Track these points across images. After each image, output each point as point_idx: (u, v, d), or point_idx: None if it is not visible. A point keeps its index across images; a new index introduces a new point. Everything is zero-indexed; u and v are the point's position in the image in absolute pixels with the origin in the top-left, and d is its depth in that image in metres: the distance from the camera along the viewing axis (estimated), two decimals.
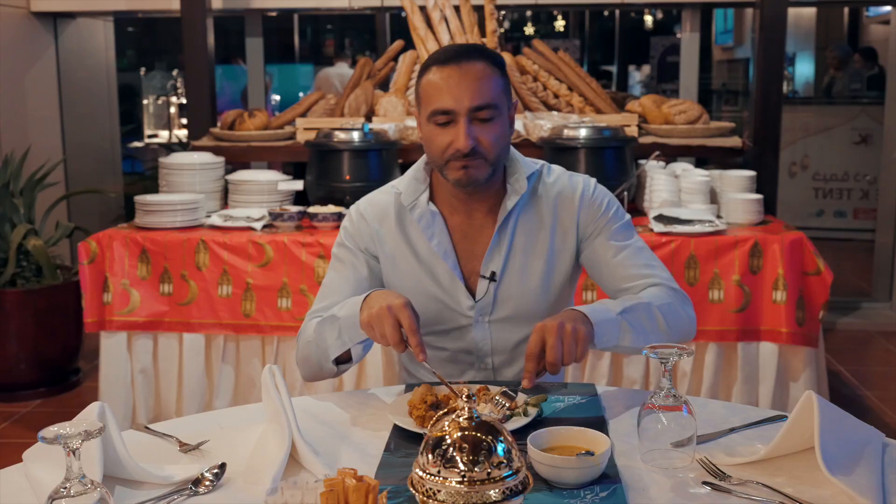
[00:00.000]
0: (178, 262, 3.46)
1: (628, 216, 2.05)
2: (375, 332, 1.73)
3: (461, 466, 1.01)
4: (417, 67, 4.31)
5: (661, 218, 3.49)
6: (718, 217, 3.61)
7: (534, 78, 4.23)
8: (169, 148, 6.87)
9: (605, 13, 11.16)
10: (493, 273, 1.96)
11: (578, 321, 1.73)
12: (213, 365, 3.52)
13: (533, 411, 1.64)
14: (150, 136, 8.02)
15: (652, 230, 3.42)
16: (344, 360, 1.89)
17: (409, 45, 4.46)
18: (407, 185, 2.01)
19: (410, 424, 1.60)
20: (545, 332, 1.68)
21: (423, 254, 2.00)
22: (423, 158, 2.02)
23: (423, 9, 4.28)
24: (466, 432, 1.04)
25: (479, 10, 4.35)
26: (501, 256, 1.97)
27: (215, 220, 3.60)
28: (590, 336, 1.72)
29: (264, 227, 3.58)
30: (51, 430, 1.20)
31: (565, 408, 1.72)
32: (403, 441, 1.58)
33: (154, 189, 4.01)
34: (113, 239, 3.49)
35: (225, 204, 3.93)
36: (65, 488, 1.21)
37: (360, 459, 1.52)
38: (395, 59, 4.50)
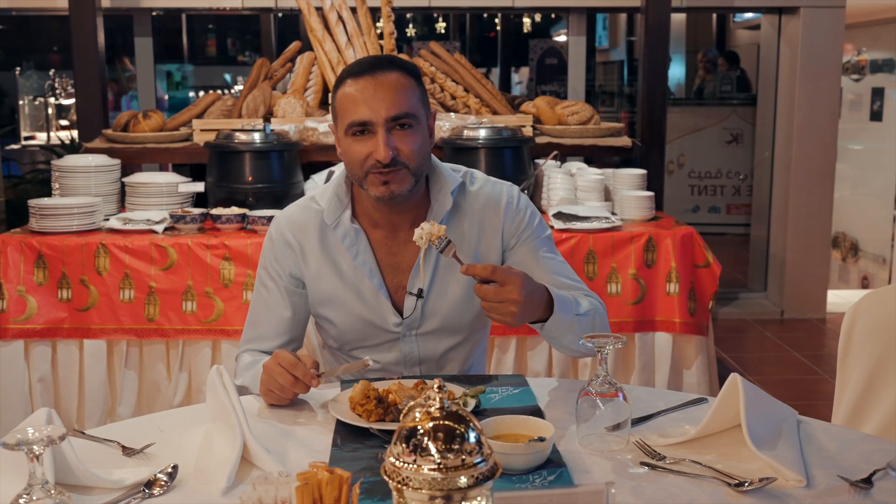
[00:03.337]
0: (77, 266, 3.37)
1: (549, 230, 2.07)
2: (275, 393, 1.75)
3: (435, 455, 1.05)
4: (315, 69, 4.32)
5: (559, 215, 3.61)
6: (613, 213, 3.76)
7: (431, 80, 4.30)
8: (50, 150, 6.61)
9: (485, 16, 11.33)
10: (420, 290, 1.96)
11: (534, 309, 1.73)
12: (116, 371, 3.44)
13: (472, 402, 1.70)
14: (26, 139, 7.70)
15: (552, 227, 3.54)
16: None
17: (307, 46, 4.46)
18: (328, 201, 1.97)
19: (356, 419, 1.64)
20: (511, 288, 1.66)
21: (348, 272, 1.98)
22: (344, 172, 1.98)
23: (319, 10, 4.28)
24: (439, 422, 1.08)
25: (374, 11, 4.38)
26: (428, 273, 1.96)
27: (114, 223, 3.52)
28: (522, 321, 1.72)
29: (166, 229, 3.52)
30: (13, 436, 1.19)
31: (501, 398, 1.79)
32: (349, 436, 1.62)
33: (34, 193, 3.89)
34: (6, 244, 3.37)
35: (122, 207, 3.85)
36: (27, 494, 1.20)
37: (309, 455, 1.55)
38: (293, 60, 4.48)
